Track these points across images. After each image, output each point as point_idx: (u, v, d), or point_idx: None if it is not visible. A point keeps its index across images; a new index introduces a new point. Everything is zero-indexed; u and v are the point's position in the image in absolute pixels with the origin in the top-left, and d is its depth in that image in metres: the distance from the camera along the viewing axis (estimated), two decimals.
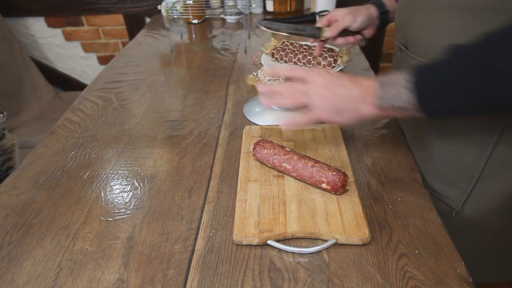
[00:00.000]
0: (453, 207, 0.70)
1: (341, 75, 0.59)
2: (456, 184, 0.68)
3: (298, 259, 0.55)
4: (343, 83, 0.57)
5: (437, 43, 0.60)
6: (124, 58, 1.26)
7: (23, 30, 1.97)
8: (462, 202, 0.68)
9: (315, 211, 0.60)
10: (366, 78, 0.58)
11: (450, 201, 0.70)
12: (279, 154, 0.66)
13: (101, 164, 0.76)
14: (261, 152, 0.68)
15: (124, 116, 0.92)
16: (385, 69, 2.02)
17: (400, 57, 0.74)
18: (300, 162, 0.64)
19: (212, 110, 0.93)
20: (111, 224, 0.62)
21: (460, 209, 0.69)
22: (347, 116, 0.57)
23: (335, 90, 0.57)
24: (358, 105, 0.56)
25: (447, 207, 0.70)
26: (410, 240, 0.57)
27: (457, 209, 0.69)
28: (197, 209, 0.64)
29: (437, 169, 0.70)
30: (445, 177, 0.69)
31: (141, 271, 0.54)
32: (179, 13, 1.44)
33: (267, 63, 1.13)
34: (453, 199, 0.69)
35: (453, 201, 0.69)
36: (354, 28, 0.81)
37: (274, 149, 0.67)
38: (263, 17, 1.64)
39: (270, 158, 0.66)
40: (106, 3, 1.86)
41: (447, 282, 0.51)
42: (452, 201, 0.69)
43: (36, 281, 0.53)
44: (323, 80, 0.58)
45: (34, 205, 0.66)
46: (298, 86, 0.60)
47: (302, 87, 0.59)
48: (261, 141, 0.70)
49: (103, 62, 2.09)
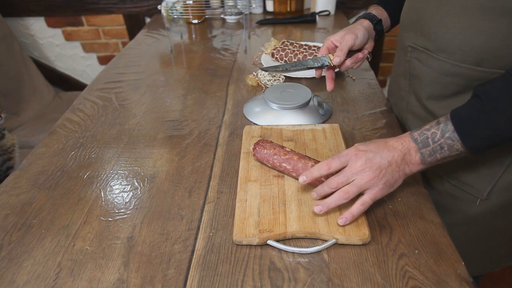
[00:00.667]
0: (477, 196, 0.69)
1: (370, 145, 0.58)
2: (481, 172, 0.67)
3: (298, 259, 0.55)
4: (381, 156, 0.56)
5: (468, 46, 0.59)
6: (124, 58, 1.26)
7: (23, 30, 1.97)
8: (487, 191, 0.67)
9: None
10: (397, 140, 0.57)
11: (473, 190, 0.69)
12: (279, 154, 0.66)
13: (101, 164, 0.76)
14: (261, 152, 0.68)
15: (124, 116, 0.92)
16: (385, 69, 2.03)
17: (410, 57, 0.73)
18: (300, 162, 0.64)
19: (212, 110, 0.93)
20: (111, 224, 0.62)
21: (485, 198, 0.68)
22: (398, 183, 0.58)
23: (379, 166, 0.55)
24: (404, 169, 0.57)
25: (470, 196, 0.70)
26: (410, 240, 0.57)
27: (482, 197, 0.68)
28: (197, 209, 0.64)
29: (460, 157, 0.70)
30: (469, 165, 0.68)
31: (141, 271, 0.54)
32: (179, 13, 1.44)
33: (267, 63, 1.14)
34: (478, 187, 0.68)
35: (478, 190, 0.68)
36: (357, 45, 0.78)
37: (274, 149, 0.67)
38: (263, 17, 1.64)
39: (270, 158, 0.66)
40: (106, 3, 1.86)
41: (447, 282, 0.51)
42: (476, 190, 0.68)
43: (36, 281, 0.53)
44: (362, 163, 0.56)
45: (34, 205, 0.66)
46: (341, 179, 0.56)
47: (345, 178, 0.56)
48: (261, 141, 0.70)
49: (103, 62, 2.09)
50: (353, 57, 0.79)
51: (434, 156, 0.56)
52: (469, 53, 0.60)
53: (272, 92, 0.90)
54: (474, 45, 0.59)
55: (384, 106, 0.92)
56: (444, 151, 0.55)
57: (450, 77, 0.65)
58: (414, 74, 0.74)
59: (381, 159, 0.56)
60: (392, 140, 0.58)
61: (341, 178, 0.56)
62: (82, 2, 1.86)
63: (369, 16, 0.82)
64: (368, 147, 0.57)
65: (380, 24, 0.82)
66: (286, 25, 1.55)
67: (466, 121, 0.54)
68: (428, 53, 0.68)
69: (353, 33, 0.76)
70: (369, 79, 1.05)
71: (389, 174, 0.56)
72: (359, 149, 0.57)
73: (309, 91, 0.89)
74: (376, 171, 0.55)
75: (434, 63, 0.67)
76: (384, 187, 0.56)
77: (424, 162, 0.57)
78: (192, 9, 1.40)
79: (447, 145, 0.54)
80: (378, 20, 0.82)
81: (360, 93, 0.98)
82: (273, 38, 1.23)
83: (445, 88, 0.67)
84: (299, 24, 1.55)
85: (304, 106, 0.86)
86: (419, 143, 0.56)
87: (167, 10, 1.42)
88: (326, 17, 1.63)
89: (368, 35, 0.80)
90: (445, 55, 0.64)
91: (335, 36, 0.78)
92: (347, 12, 1.80)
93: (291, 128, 0.80)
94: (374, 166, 0.55)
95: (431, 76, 0.68)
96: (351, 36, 0.76)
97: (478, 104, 0.53)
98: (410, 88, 0.77)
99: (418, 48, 0.70)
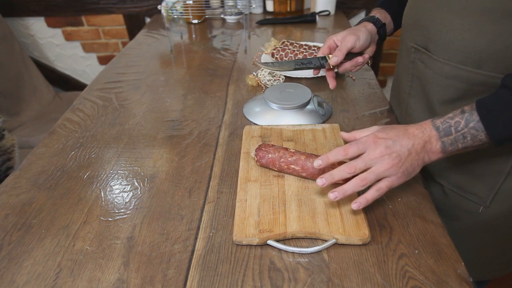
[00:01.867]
0: (480, 203, 0.68)
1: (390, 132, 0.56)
2: (483, 180, 0.66)
3: (298, 259, 0.55)
4: (401, 144, 0.54)
5: (469, 47, 0.59)
6: (124, 58, 1.26)
7: (23, 30, 1.97)
8: (490, 199, 0.67)
9: (315, 211, 0.60)
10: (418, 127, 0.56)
11: (476, 198, 0.68)
12: (285, 157, 0.65)
13: (101, 164, 0.76)
14: (266, 157, 0.66)
15: (124, 116, 0.92)
16: (385, 69, 2.02)
17: (414, 58, 0.72)
18: (308, 161, 0.63)
19: (212, 110, 0.93)
20: (111, 224, 0.62)
21: (488, 206, 0.67)
22: (416, 171, 0.56)
23: (398, 154, 0.54)
24: (424, 157, 0.56)
25: (472, 204, 0.69)
26: (410, 240, 0.57)
27: (485, 205, 0.67)
28: (197, 209, 0.64)
29: (461, 163, 0.68)
30: (470, 172, 0.67)
31: (141, 271, 0.54)
32: (179, 13, 1.44)
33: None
34: (480, 195, 0.68)
35: (480, 198, 0.68)
36: (358, 47, 0.76)
37: (279, 152, 0.66)
38: (263, 17, 1.64)
39: (277, 162, 0.65)
40: (106, 3, 1.86)
41: (447, 282, 0.51)
42: (479, 197, 0.68)
43: (36, 281, 0.53)
44: (381, 150, 0.54)
45: (34, 205, 0.66)
46: (360, 164, 0.55)
47: (363, 164, 0.55)
48: (262, 145, 0.68)
49: (103, 62, 2.09)
50: (353, 61, 0.77)
51: (456, 145, 0.54)
52: (469, 55, 0.59)
53: (272, 92, 0.90)
54: (475, 47, 0.58)
55: (384, 106, 0.92)
56: (466, 141, 0.53)
57: (450, 79, 0.64)
58: (417, 75, 0.73)
59: (401, 147, 0.54)
60: (412, 127, 0.56)
61: (360, 163, 0.54)
62: (82, 2, 1.86)
63: (373, 19, 0.80)
64: (388, 134, 0.55)
65: (384, 28, 0.81)
66: (286, 25, 1.55)
67: (492, 111, 0.52)
68: (429, 54, 0.67)
69: (355, 35, 0.75)
70: (369, 79, 1.05)
71: (408, 162, 0.54)
72: (378, 136, 0.55)
73: (309, 91, 0.89)
74: (396, 159, 0.54)
75: (435, 64, 0.66)
76: (402, 176, 0.55)
77: (444, 151, 0.55)
78: (192, 9, 1.40)
79: (470, 135, 0.53)
80: (382, 24, 0.80)
81: (360, 93, 0.98)
82: (273, 38, 1.23)
83: (445, 91, 0.66)
84: (299, 24, 1.55)
85: (304, 106, 0.86)
86: (441, 131, 0.54)
87: (167, 10, 1.42)
88: (326, 17, 1.63)
89: (371, 38, 0.78)
90: (446, 57, 0.64)
91: (337, 36, 0.77)
92: (347, 12, 1.80)
93: (291, 128, 0.80)
94: (393, 154, 0.54)
95: (431, 78, 0.68)
96: (352, 37, 0.74)
97: (506, 94, 0.52)
98: (411, 90, 0.77)
99: (420, 49, 0.70)
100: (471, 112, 0.53)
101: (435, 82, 0.67)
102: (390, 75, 2.06)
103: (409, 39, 0.73)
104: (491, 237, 0.74)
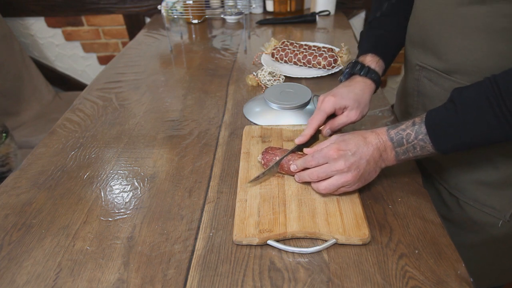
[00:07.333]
0: (499, 217, 0.66)
1: (350, 143, 0.58)
2: (501, 193, 0.65)
3: (298, 259, 0.55)
4: (360, 155, 0.57)
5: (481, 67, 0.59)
6: (124, 58, 1.26)
7: (23, 30, 1.97)
8: (510, 212, 0.65)
9: (315, 211, 0.60)
10: (375, 136, 0.59)
11: (494, 211, 0.67)
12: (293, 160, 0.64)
13: (101, 164, 0.76)
14: (274, 160, 0.66)
15: (124, 116, 0.92)
16: None
17: (419, 76, 0.72)
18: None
19: (212, 110, 0.93)
20: (111, 224, 0.62)
21: (508, 219, 0.65)
22: (373, 177, 0.61)
23: (357, 166, 0.57)
24: (380, 165, 0.60)
25: (490, 218, 0.67)
26: (410, 240, 0.57)
27: (504, 219, 0.66)
28: (197, 209, 0.64)
29: (474, 175, 0.67)
30: (487, 185, 0.66)
31: (141, 271, 0.54)
32: (179, 13, 1.44)
33: (267, 63, 1.14)
34: (498, 208, 0.66)
35: (499, 211, 0.66)
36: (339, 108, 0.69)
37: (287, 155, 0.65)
38: (263, 17, 1.64)
39: (285, 164, 0.65)
40: (106, 3, 1.86)
41: (447, 282, 0.51)
42: (497, 211, 0.66)
43: (36, 281, 0.53)
44: (341, 164, 0.57)
45: (34, 205, 0.66)
46: (321, 174, 0.59)
47: (325, 175, 0.59)
48: (269, 149, 0.68)
49: (103, 62, 2.09)
50: (328, 124, 0.71)
51: (407, 155, 0.58)
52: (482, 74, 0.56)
53: (272, 92, 0.90)
54: (488, 67, 0.58)
55: (384, 106, 0.91)
56: (416, 151, 0.57)
57: None
58: (424, 92, 0.72)
59: (360, 159, 0.57)
60: (370, 135, 0.59)
61: (322, 173, 0.59)
62: (82, 2, 1.86)
63: (374, 77, 0.72)
64: (347, 145, 0.58)
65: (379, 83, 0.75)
66: (286, 25, 1.55)
67: (438, 124, 0.54)
68: (439, 73, 0.66)
69: (360, 112, 0.70)
70: None
71: (366, 172, 0.58)
72: (339, 148, 0.58)
73: (309, 91, 0.89)
74: (355, 171, 0.57)
75: (446, 83, 0.65)
76: (359, 184, 0.60)
77: (398, 159, 0.59)
78: (192, 9, 1.40)
79: (419, 146, 0.56)
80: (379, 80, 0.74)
81: None
82: (273, 38, 1.23)
83: None
84: (299, 24, 1.54)
85: (304, 106, 0.86)
86: (395, 142, 0.58)
87: (167, 10, 1.42)
88: (326, 17, 1.63)
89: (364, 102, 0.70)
90: (458, 76, 0.63)
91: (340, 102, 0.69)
92: (347, 12, 1.80)
93: (291, 128, 0.80)
94: (353, 167, 0.57)
95: (443, 95, 0.65)
96: (355, 114, 0.69)
97: (451, 108, 0.53)
98: (418, 105, 0.76)
99: (427, 68, 0.69)
100: (420, 124, 0.56)
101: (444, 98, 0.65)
102: (390, 75, 2.06)
103: (414, 57, 0.72)
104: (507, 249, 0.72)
